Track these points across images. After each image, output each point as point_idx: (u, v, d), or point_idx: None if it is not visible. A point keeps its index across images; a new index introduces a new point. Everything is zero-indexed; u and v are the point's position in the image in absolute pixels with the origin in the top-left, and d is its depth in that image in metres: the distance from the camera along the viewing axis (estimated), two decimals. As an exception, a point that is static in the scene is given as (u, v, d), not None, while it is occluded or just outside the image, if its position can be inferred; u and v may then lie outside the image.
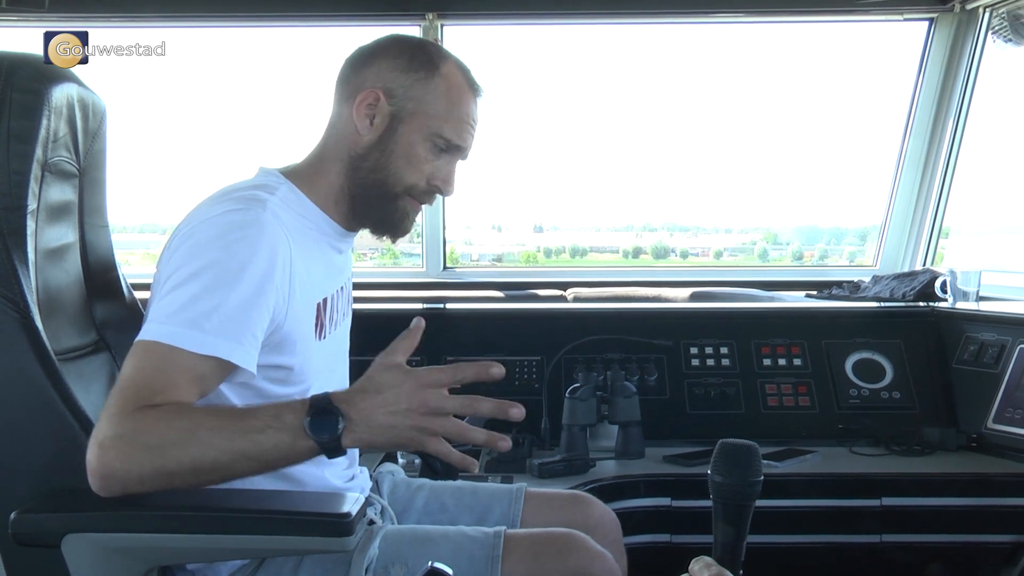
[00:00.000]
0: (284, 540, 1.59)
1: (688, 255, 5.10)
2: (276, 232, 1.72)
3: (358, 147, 1.90)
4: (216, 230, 1.70)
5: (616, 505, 2.67)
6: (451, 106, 1.90)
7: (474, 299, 4.10)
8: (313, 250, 1.88)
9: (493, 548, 1.87)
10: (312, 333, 1.85)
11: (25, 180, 1.87)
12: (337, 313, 1.99)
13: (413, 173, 1.90)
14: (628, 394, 3.03)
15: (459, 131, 1.92)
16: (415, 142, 1.89)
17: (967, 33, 4.10)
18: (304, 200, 1.90)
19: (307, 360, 1.83)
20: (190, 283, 1.63)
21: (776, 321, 3.48)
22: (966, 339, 3.27)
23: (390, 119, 1.88)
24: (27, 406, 1.79)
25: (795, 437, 3.16)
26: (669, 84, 4.72)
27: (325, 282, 1.92)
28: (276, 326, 1.73)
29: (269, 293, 1.69)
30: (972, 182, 4.26)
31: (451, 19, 4.15)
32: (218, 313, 1.61)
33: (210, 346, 1.60)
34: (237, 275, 1.65)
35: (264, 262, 1.68)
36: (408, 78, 1.89)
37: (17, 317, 1.79)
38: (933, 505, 2.84)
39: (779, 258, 5.13)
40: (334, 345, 1.99)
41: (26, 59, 1.94)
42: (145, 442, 1.49)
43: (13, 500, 1.66)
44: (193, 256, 1.68)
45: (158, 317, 1.63)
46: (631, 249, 5.15)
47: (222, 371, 1.65)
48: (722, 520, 1.40)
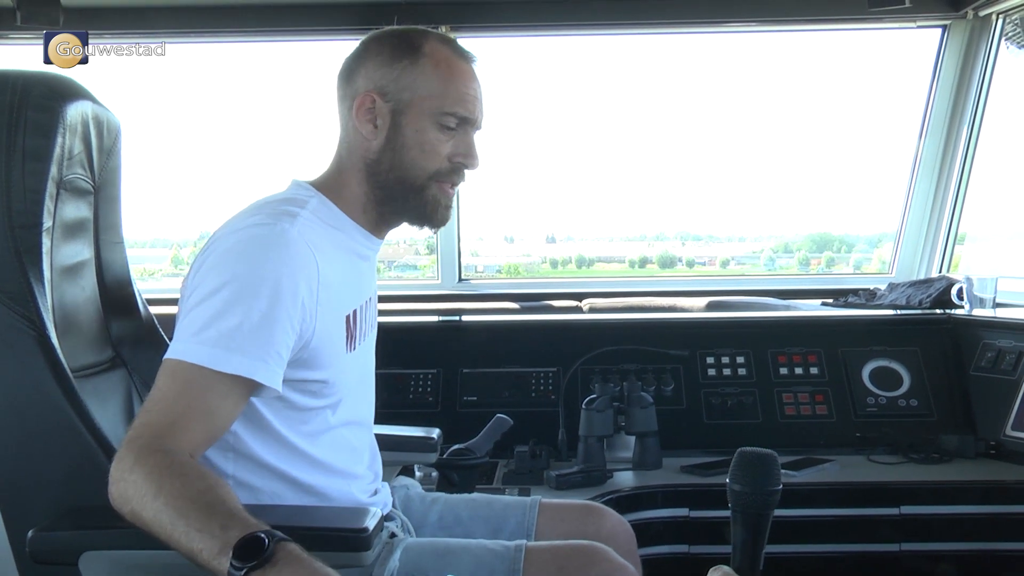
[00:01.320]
0: (302, 555, 1.59)
1: (694, 264, 5.08)
2: (302, 247, 1.72)
3: (370, 153, 1.89)
4: (241, 244, 1.70)
5: (634, 516, 2.67)
6: (445, 81, 1.87)
7: (490, 311, 4.10)
8: (343, 262, 1.87)
9: (514, 561, 1.87)
10: (343, 347, 1.85)
11: (40, 198, 1.88)
12: (366, 324, 1.98)
13: (432, 159, 1.88)
14: (645, 404, 3.02)
15: (461, 102, 1.88)
16: (423, 128, 1.87)
17: (980, 39, 4.09)
18: (335, 211, 1.89)
19: (339, 373, 1.83)
20: (213, 298, 1.63)
21: (792, 330, 3.48)
22: (983, 346, 3.25)
23: (391, 116, 1.87)
24: (44, 424, 1.80)
25: (812, 446, 3.14)
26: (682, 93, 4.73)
27: (354, 295, 1.91)
28: (304, 342, 1.73)
29: (294, 310, 1.68)
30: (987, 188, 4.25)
31: (463, 31, 4.15)
32: (240, 331, 1.61)
33: (235, 365, 1.60)
34: (260, 291, 1.64)
35: (288, 279, 1.67)
36: (394, 70, 1.87)
37: (34, 335, 1.80)
38: (952, 513, 2.83)
39: (786, 266, 5.11)
40: (364, 356, 1.99)
41: (40, 77, 1.95)
42: (131, 481, 1.49)
43: (31, 518, 1.67)
44: (217, 270, 1.68)
45: (184, 336, 1.63)
46: (637, 259, 5.14)
47: (247, 389, 1.65)
48: (740, 529, 1.39)
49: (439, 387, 3.34)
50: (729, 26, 4.34)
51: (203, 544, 1.38)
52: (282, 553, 1.35)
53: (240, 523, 1.40)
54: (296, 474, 1.81)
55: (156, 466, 1.49)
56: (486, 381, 3.33)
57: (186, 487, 1.46)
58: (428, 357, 3.41)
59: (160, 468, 1.49)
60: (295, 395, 1.77)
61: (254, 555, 1.34)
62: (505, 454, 3.00)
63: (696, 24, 4.33)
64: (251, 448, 1.77)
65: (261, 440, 1.78)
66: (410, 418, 2.82)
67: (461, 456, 2.72)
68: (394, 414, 2.95)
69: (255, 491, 1.79)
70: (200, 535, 1.39)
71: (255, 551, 1.34)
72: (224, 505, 1.45)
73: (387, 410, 3.02)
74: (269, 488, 1.80)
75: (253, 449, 1.77)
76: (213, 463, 1.76)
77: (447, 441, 2.64)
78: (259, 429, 1.77)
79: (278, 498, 1.79)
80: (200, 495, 1.45)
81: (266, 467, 1.79)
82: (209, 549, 1.37)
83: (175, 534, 1.42)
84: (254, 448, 1.77)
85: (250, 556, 1.34)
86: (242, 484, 1.77)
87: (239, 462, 1.78)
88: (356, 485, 1.94)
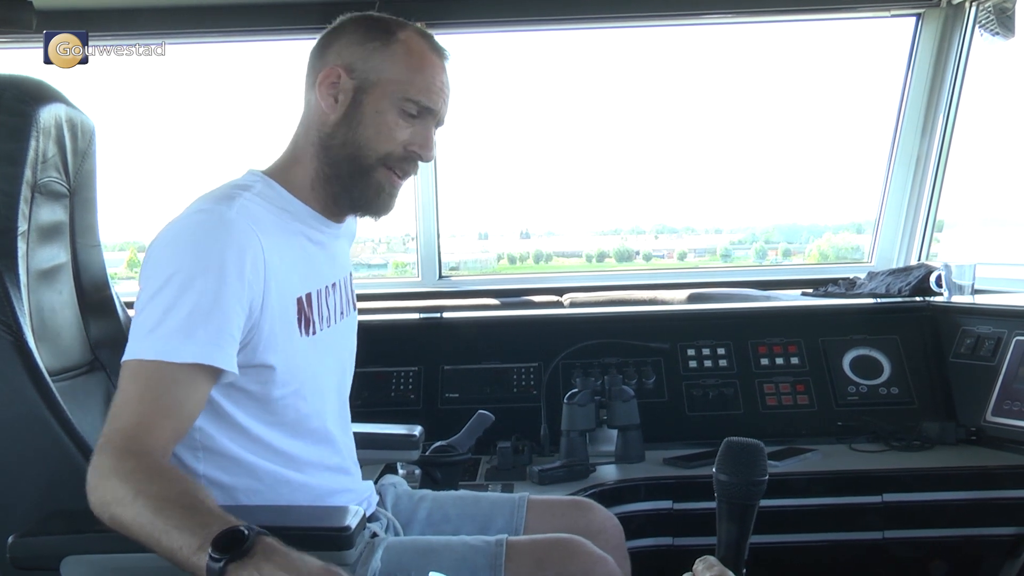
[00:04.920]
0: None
1: (651, 258, 5.07)
2: (242, 228, 1.71)
3: (326, 127, 1.88)
4: (183, 234, 1.70)
5: (618, 509, 2.67)
6: (414, 70, 1.87)
7: (470, 307, 4.10)
8: (291, 244, 1.86)
9: (495, 556, 1.87)
10: (295, 330, 1.83)
11: (15, 202, 1.87)
12: (328, 310, 1.96)
13: (385, 141, 1.87)
14: (626, 398, 3.02)
15: (427, 91, 1.88)
16: (383, 110, 1.86)
17: (954, 28, 4.12)
18: (282, 192, 1.88)
19: (291, 357, 1.81)
20: (163, 292, 1.63)
21: (772, 320, 3.48)
22: (963, 333, 3.27)
23: (354, 92, 1.86)
24: (22, 428, 1.79)
25: (794, 436, 3.16)
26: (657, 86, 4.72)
27: (308, 277, 1.89)
28: (254, 323, 1.72)
29: (241, 289, 1.68)
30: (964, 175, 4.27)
31: (440, 28, 4.14)
32: (192, 319, 1.61)
33: (191, 353, 1.60)
34: (206, 276, 1.64)
35: (232, 260, 1.67)
36: (366, 49, 1.87)
37: (11, 339, 1.79)
38: (934, 500, 2.84)
39: (743, 257, 5.11)
40: (328, 343, 1.96)
41: (12, 80, 1.94)
42: (109, 488, 1.50)
43: (11, 523, 1.66)
44: (163, 263, 1.67)
45: (138, 334, 1.63)
46: (595, 253, 5.13)
47: (208, 376, 1.65)
48: (726, 519, 1.39)
49: (420, 384, 3.33)
50: (703, 18, 4.33)
51: (183, 541, 1.39)
52: (260, 546, 1.36)
53: (219, 520, 1.41)
54: (267, 466, 1.81)
55: (132, 470, 1.50)
56: (467, 377, 3.33)
57: (163, 489, 1.47)
58: (409, 354, 3.40)
59: (136, 472, 1.49)
60: (248, 382, 1.76)
61: (233, 547, 1.35)
62: (488, 450, 3.00)
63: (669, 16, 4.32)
64: (219, 443, 1.77)
65: (227, 434, 1.78)
66: (392, 416, 2.81)
67: (444, 453, 2.71)
68: (376, 412, 2.96)
69: (228, 489, 1.79)
70: (179, 533, 1.40)
71: (234, 543, 1.35)
72: (203, 504, 1.46)
73: (369, 408, 3.03)
74: (242, 485, 1.80)
75: (221, 444, 1.77)
76: (183, 462, 1.76)
77: (429, 438, 2.64)
78: (223, 422, 1.77)
79: (252, 494, 1.78)
80: (179, 496, 1.46)
81: (236, 461, 1.79)
82: (188, 546, 1.38)
83: (155, 534, 1.42)
84: (222, 442, 1.77)
85: (228, 548, 1.35)
86: (214, 483, 1.77)
87: (209, 459, 1.78)
88: (332, 478, 1.94)
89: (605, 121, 4.72)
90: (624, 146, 4.78)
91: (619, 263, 5.05)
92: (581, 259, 5.18)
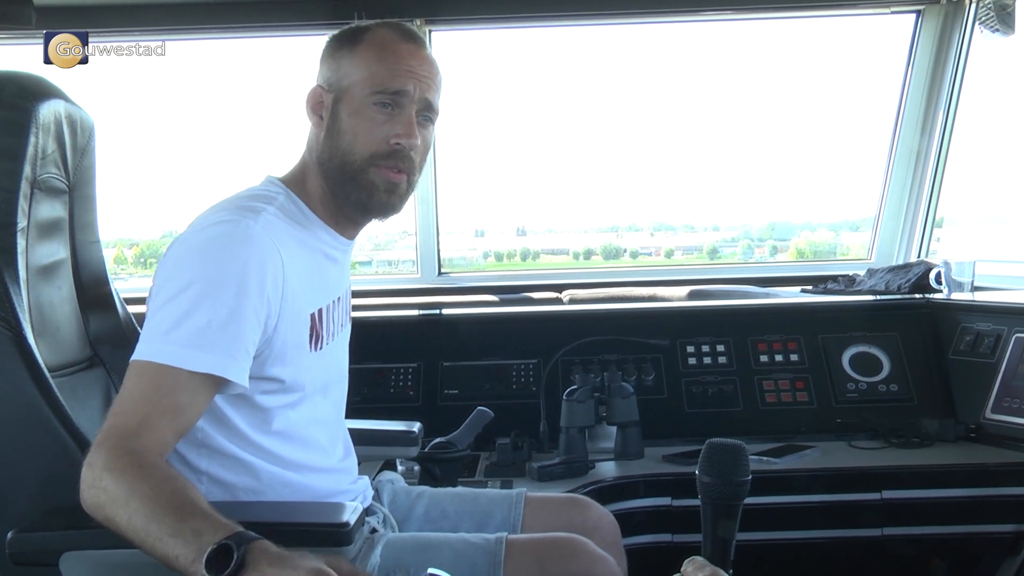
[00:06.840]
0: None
1: (639, 255, 5.05)
2: (266, 243, 1.71)
3: (318, 145, 1.89)
4: (206, 242, 1.70)
5: (616, 506, 2.67)
6: (378, 61, 1.86)
7: (469, 304, 4.10)
8: (308, 260, 1.86)
9: (495, 554, 1.87)
10: (306, 345, 1.84)
11: (14, 198, 1.87)
12: (334, 324, 1.97)
13: (367, 141, 1.85)
14: (626, 395, 3.02)
15: (394, 77, 1.85)
16: (358, 111, 1.85)
17: (954, 24, 4.11)
18: (302, 207, 1.90)
19: (300, 372, 1.82)
20: (180, 297, 1.63)
21: (772, 317, 3.49)
22: (962, 330, 3.27)
23: (332, 105, 1.87)
24: (22, 424, 1.79)
25: (794, 433, 3.16)
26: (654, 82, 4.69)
27: (321, 293, 1.90)
28: (267, 338, 1.73)
29: (260, 304, 1.68)
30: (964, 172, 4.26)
31: (439, 25, 4.13)
32: (209, 329, 1.61)
33: (203, 363, 1.60)
34: (226, 288, 1.64)
35: (253, 275, 1.67)
36: (336, 60, 1.89)
37: (10, 335, 1.79)
38: (934, 497, 2.84)
39: (731, 255, 5.10)
40: (331, 356, 1.98)
41: (11, 77, 1.94)
42: (102, 487, 1.49)
43: (10, 519, 1.66)
44: (185, 268, 1.68)
45: (152, 335, 1.63)
46: (582, 251, 5.11)
47: (216, 385, 1.65)
48: (711, 520, 1.40)
49: (420, 381, 3.33)
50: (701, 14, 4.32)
51: (178, 551, 1.39)
52: (252, 556, 1.36)
53: (212, 526, 1.40)
54: (268, 468, 1.81)
55: (126, 469, 1.49)
56: (467, 374, 3.33)
57: (156, 490, 1.46)
58: (408, 351, 3.40)
59: (130, 471, 1.49)
60: (257, 395, 1.77)
61: (225, 564, 1.34)
62: (487, 446, 3.00)
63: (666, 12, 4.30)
64: (219, 443, 1.78)
65: (227, 436, 1.78)
66: (391, 412, 2.82)
67: (442, 449, 2.71)
68: (375, 408, 2.96)
69: (229, 487, 1.79)
70: (174, 541, 1.40)
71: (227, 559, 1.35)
72: (195, 506, 1.45)
73: (368, 404, 3.04)
74: (243, 483, 1.80)
75: (221, 444, 1.78)
76: (187, 459, 1.77)
77: (428, 435, 2.63)
78: (223, 425, 1.78)
79: (253, 493, 1.79)
80: (172, 496, 1.46)
81: (236, 461, 1.79)
82: (184, 556, 1.38)
83: (148, 539, 1.42)
84: (223, 444, 1.78)
85: (222, 565, 1.34)
86: (216, 480, 1.78)
87: (212, 458, 1.78)
88: (330, 479, 1.94)
89: (603, 118, 4.70)
90: (622, 143, 4.77)
91: (606, 260, 5.03)
92: (568, 256, 5.16)
